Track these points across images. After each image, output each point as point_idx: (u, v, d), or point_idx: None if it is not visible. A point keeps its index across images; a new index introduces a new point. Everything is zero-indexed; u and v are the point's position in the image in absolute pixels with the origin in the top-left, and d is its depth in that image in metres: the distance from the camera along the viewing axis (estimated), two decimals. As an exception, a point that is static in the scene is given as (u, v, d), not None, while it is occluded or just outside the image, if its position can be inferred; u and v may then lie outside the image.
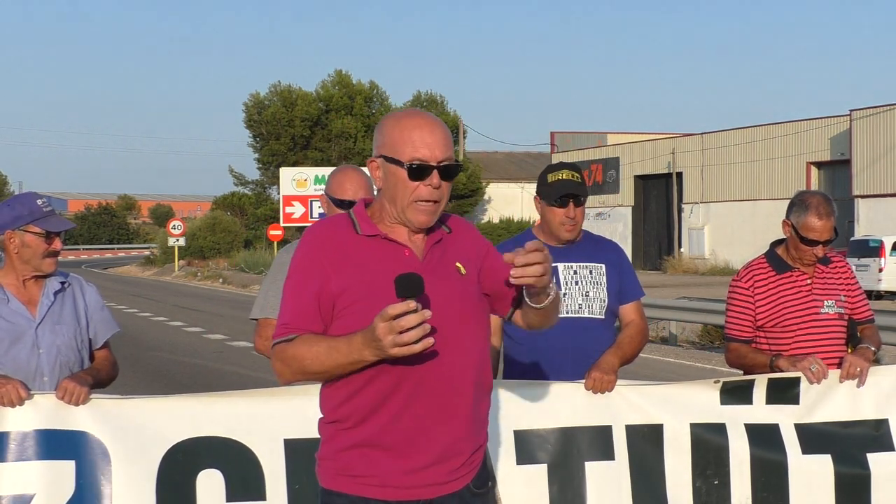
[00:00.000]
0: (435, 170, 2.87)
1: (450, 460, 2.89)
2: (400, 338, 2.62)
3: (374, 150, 2.95)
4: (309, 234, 2.97)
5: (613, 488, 4.39)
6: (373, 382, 2.84)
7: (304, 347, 2.81)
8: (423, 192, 2.87)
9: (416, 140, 2.87)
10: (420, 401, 2.85)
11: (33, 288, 4.34)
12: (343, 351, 2.75)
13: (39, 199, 4.31)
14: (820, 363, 4.51)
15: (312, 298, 2.85)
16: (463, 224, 3.10)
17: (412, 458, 2.86)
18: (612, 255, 4.68)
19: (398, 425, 2.85)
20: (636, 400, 4.47)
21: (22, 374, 4.19)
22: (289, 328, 2.86)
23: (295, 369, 2.84)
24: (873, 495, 4.53)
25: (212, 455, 4.16)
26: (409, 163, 2.85)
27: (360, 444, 2.87)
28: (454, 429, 2.89)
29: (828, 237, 4.61)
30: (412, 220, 2.89)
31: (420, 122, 2.91)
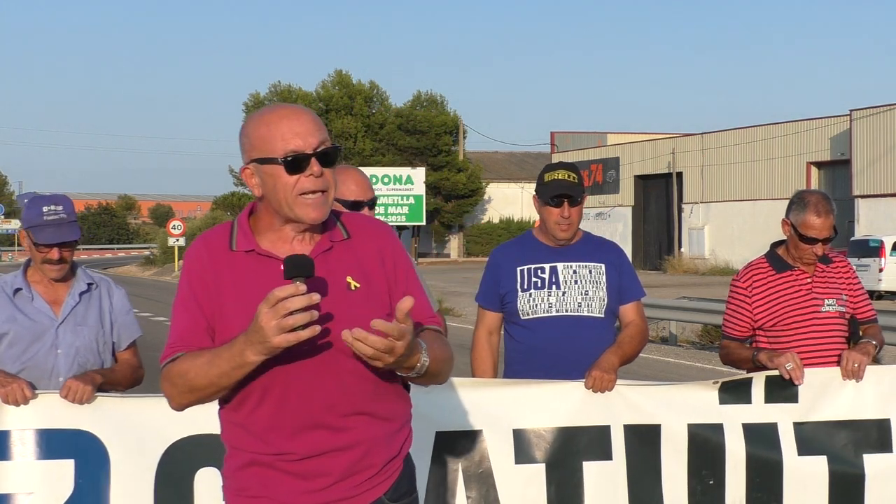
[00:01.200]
0: (313, 157, 2.68)
1: (352, 477, 2.73)
2: (284, 322, 2.45)
3: (244, 158, 2.75)
4: (188, 252, 2.81)
5: (610, 488, 4.39)
6: (260, 409, 2.69)
7: (189, 362, 2.65)
8: (307, 184, 2.67)
9: (285, 132, 2.68)
10: (308, 429, 2.68)
11: (60, 288, 4.35)
12: (225, 356, 2.58)
13: (46, 206, 4.25)
14: (797, 362, 4.49)
15: (197, 316, 2.71)
16: (368, 225, 2.85)
17: (312, 480, 2.71)
18: (611, 256, 4.70)
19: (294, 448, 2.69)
20: (635, 400, 4.47)
21: (38, 373, 4.20)
22: (174, 347, 2.71)
23: (182, 388, 2.67)
24: (867, 496, 4.54)
25: (210, 453, 4.15)
26: (283, 157, 2.66)
27: (254, 462, 2.73)
28: (353, 448, 2.72)
29: (827, 235, 4.61)
30: (302, 216, 2.68)
31: (283, 112, 2.73)
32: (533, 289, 4.58)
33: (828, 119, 43.42)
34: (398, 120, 60.95)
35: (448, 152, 61.26)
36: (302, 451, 2.70)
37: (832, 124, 43.04)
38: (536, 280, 4.59)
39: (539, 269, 4.61)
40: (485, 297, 4.74)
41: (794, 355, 4.51)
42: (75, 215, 4.35)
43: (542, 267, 4.61)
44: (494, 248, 4.89)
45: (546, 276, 4.59)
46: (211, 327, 2.71)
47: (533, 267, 4.61)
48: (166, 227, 55.82)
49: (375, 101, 62.74)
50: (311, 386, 2.68)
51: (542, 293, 4.57)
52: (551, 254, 4.62)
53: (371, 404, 2.75)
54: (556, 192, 4.55)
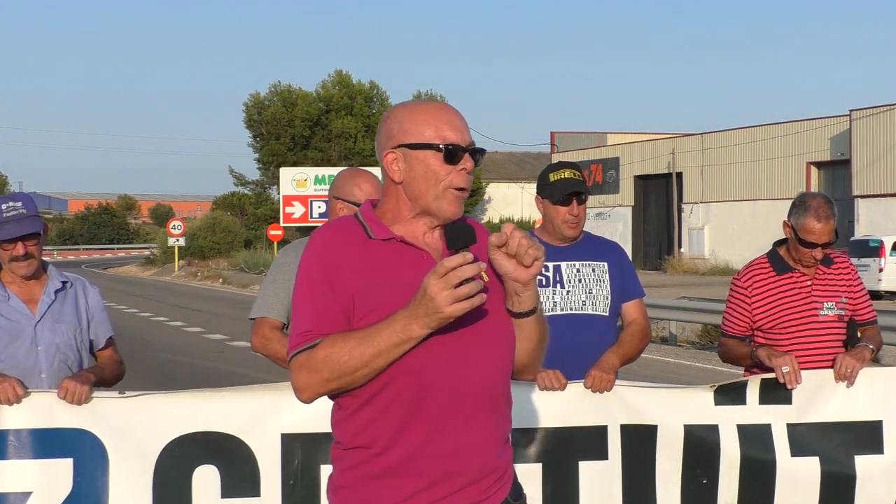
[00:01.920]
0: (467, 152, 2.65)
1: (484, 479, 2.68)
2: (457, 291, 2.42)
3: (387, 143, 2.69)
4: (317, 238, 2.72)
5: (605, 488, 4.41)
6: (398, 402, 2.60)
7: (337, 345, 2.54)
8: (457, 179, 2.65)
9: (444, 122, 2.65)
10: (451, 421, 2.62)
11: (35, 286, 4.37)
12: (384, 332, 2.51)
13: (5, 204, 4.25)
14: (794, 366, 4.49)
15: (332, 301, 2.60)
16: (478, 224, 2.85)
17: (444, 484, 2.62)
18: (614, 255, 4.73)
19: (431, 450, 2.61)
20: (632, 400, 4.48)
21: (20, 372, 4.21)
22: (310, 334, 2.59)
23: (327, 374, 2.55)
24: (857, 497, 4.55)
25: (208, 450, 4.17)
26: (444, 144, 2.62)
27: (388, 471, 2.62)
28: (486, 447, 2.68)
29: (827, 240, 4.61)
30: (444, 210, 2.65)
31: (441, 105, 2.71)
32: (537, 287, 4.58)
33: (828, 119, 43.41)
34: (398, 120, 60.83)
35: (448, 152, 61.16)
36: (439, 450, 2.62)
37: (832, 124, 43.03)
38: (541, 279, 4.59)
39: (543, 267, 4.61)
40: None
41: (792, 359, 4.50)
42: (36, 210, 4.34)
43: (546, 266, 4.62)
44: None
45: (550, 274, 4.61)
46: (347, 314, 2.61)
47: None
48: (166, 227, 55.79)
49: (375, 101, 62.72)
50: (458, 375, 2.63)
51: (546, 292, 4.58)
52: (555, 253, 4.63)
53: (501, 401, 2.75)
54: (566, 190, 4.59)
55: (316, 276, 2.64)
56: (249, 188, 64.95)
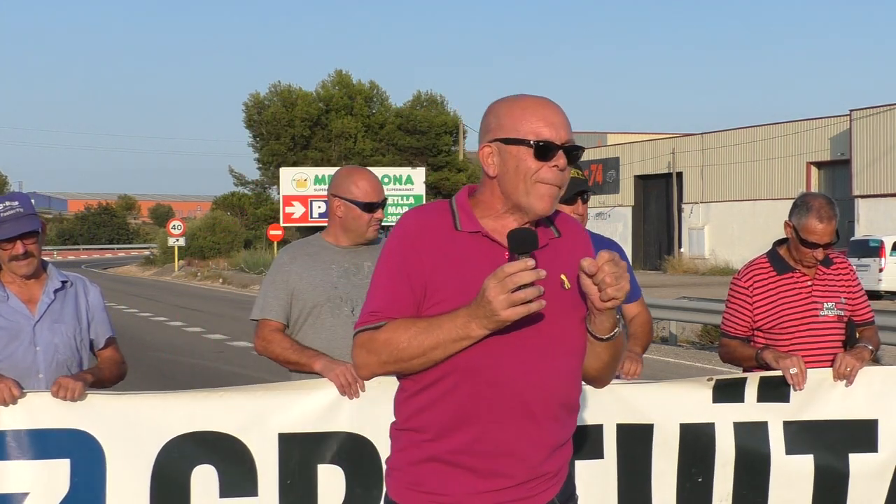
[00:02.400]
0: (561, 150, 2.66)
1: (532, 481, 2.69)
2: (514, 296, 2.44)
3: (484, 137, 2.72)
4: (405, 221, 2.74)
5: (600, 486, 4.41)
6: (454, 394, 2.64)
7: (399, 330, 2.59)
8: (548, 175, 2.64)
9: (539, 118, 2.66)
10: (502, 421, 2.64)
11: (34, 286, 4.36)
12: (446, 326, 2.55)
13: (1, 204, 4.25)
14: (801, 367, 4.49)
15: (405, 286, 2.64)
16: (574, 226, 2.83)
17: (490, 481, 2.65)
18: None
19: (477, 445, 2.64)
20: (629, 399, 4.48)
21: (18, 371, 4.20)
22: (377, 315, 2.64)
23: (385, 357, 2.60)
24: (850, 494, 4.57)
25: (206, 450, 4.16)
26: (536, 140, 2.63)
27: (435, 458, 2.66)
28: (538, 452, 2.68)
29: (828, 240, 4.60)
30: (533, 206, 2.65)
31: (541, 101, 2.71)
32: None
33: (828, 119, 43.42)
34: (398, 120, 60.94)
35: (448, 152, 61.26)
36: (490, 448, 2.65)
37: (832, 124, 43.05)
38: None
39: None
40: None
41: (800, 360, 4.50)
42: (33, 209, 4.34)
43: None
44: None
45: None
46: (417, 302, 2.64)
47: None
48: (166, 227, 55.80)
49: (375, 101, 62.71)
50: (516, 378, 2.64)
51: None
52: None
53: (567, 408, 2.75)
54: (574, 189, 4.57)
55: (394, 259, 2.68)
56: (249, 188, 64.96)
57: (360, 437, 4.16)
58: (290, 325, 4.50)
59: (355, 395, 4.16)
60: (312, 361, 4.31)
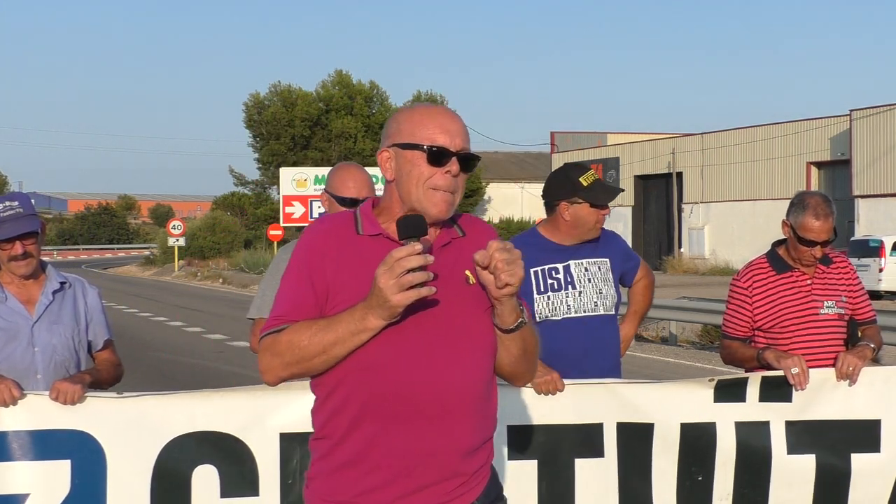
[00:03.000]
0: (454, 156, 2.72)
1: (445, 482, 2.70)
2: (403, 280, 2.50)
3: (385, 142, 2.80)
4: (310, 230, 2.84)
5: (601, 485, 4.42)
6: (354, 396, 2.67)
7: (300, 331, 2.64)
8: (441, 180, 2.71)
9: (436, 125, 2.74)
10: (408, 420, 2.66)
11: (33, 287, 4.36)
12: (344, 321, 2.60)
13: (1, 204, 4.25)
14: (803, 367, 4.48)
15: (309, 291, 2.71)
16: (479, 226, 2.89)
17: (401, 483, 2.68)
18: (612, 247, 4.74)
19: (384, 446, 2.67)
20: (630, 398, 4.48)
21: (16, 372, 4.20)
22: (281, 318, 2.70)
23: (288, 358, 2.65)
24: (851, 494, 4.57)
25: (207, 450, 4.16)
26: (428, 146, 2.71)
27: (346, 463, 2.70)
28: (447, 451, 2.69)
29: (826, 238, 4.60)
30: (428, 210, 2.71)
31: (439, 109, 2.81)
32: (550, 291, 4.57)
33: (828, 119, 43.41)
34: (398, 120, 60.84)
35: (448, 152, 61.17)
36: (397, 448, 2.67)
37: (832, 124, 43.03)
38: (553, 282, 4.57)
39: (553, 269, 4.59)
40: None
41: (801, 360, 4.49)
42: (33, 209, 4.34)
43: (556, 267, 4.59)
44: None
45: (561, 276, 4.58)
46: (320, 305, 2.70)
47: (547, 268, 4.58)
48: (166, 227, 55.77)
49: (375, 101, 62.70)
50: (416, 377, 2.66)
51: (559, 295, 4.56)
52: (562, 252, 4.61)
53: (478, 406, 2.75)
54: (612, 194, 4.58)
55: (298, 265, 2.76)
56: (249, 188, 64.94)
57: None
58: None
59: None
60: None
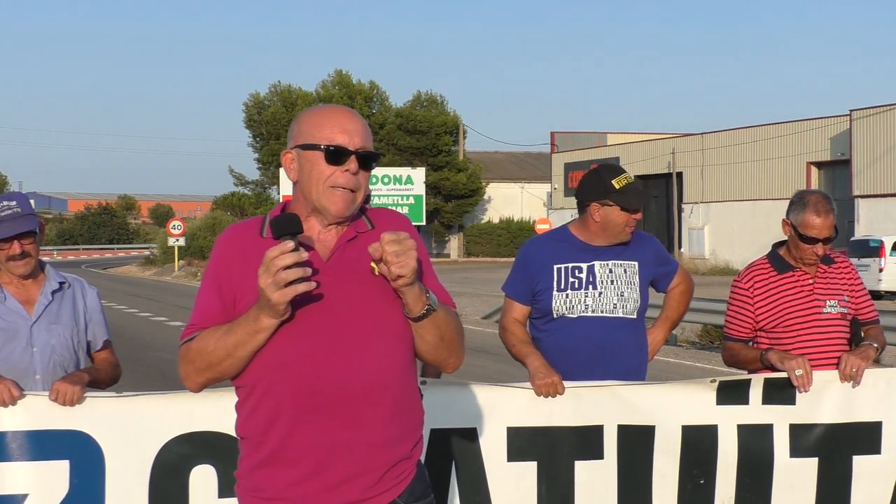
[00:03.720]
0: (353, 155, 2.77)
1: (362, 476, 2.74)
2: (278, 277, 2.54)
3: (290, 143, 2.86)
4: (219, 239, 2.90)
5: (600, 487, 4.41)
6: (270, 394, 2.73)
7: (207, 337, 2.72)
8: (340, 179, 2.76)
9: (335, 125, 2.79)
10: (322, 413, 2.70)
11: (32, 287, 4.36)
12: (242, 323, 2.67)
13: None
14: (806, 368, 4.46)
15: (216, 299, 2.79)
16: (389, 218, 2.92)
17: (320, 476, 2.72)
18: (644, 252, 4.69)
19: (301, 441, 2.72)
20: (631, 400, 4.47)
21: (15, 372, 4.20)
22: (194, 328, 2.78)
23: (200, 364, 2.72)
24: (853, 497, 4.55)
25: (205, 450, 4.16)
26: (326, 145, 2.76)
27: (266, 461, 2.76)
28: (363, 443, 2.73)
29: (827, 235, 4.58)
30: (328, 209, 2.77)
31: (338, 109, 2.86)
32: (570, 289, 4.54)
33: (828, 119, 43.42)
34: (398, 120, 60.98)
35: (448, 152, 61.29)
36: (309, 441, 2.71)
37: (832, 124, 43.05)
38: (574, 280, 4.55)
39: (576, 268, 4.57)
40: (514, 290, 4.66)
41: (805, 361, 4.47)
42: (31, 209, 4.34)
43: (580, 266, 4.56)
44: (527, 240, 4.84)
45: (583, 275, 4.56)
46: (228, 310, 2.76)
47: (570, 266, 4.56)
48: (166, 227, 55.75)
49: (375, 101, 62.77)
50: (326, 370, 2.70)
51: (578, 294, 4.54)
52: (589, 252, 4.59)
53: (390, 397, 2.76)
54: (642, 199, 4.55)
55: (208, 274, 2.85)
56: (249, 188, 65.01)
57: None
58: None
59: None
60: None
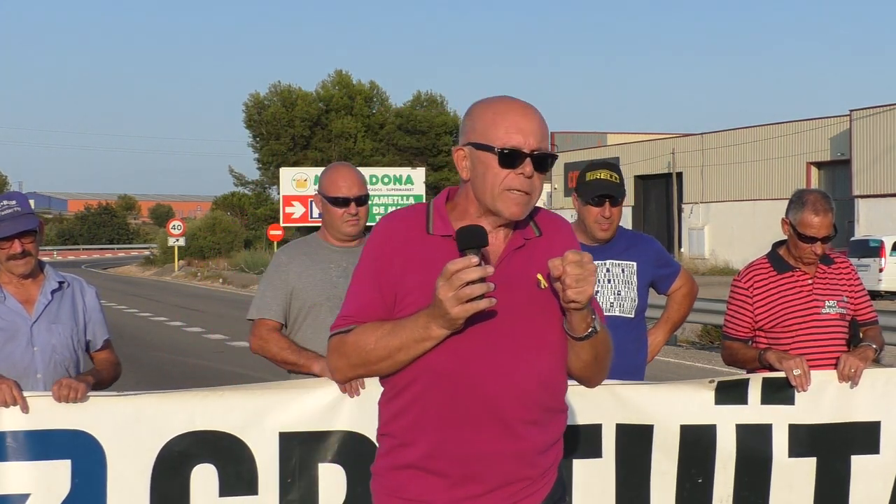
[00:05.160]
0: (528, 157, 2.64)
1: (510, 486, 2.68)
2: (461, 292, 2.45)
3: (461, 139, 2.73)
4: (380, 226, 2.77)
5: (597, 486, 4.41)
6: (421, 399, 2.66)
7: (367, 333, 2.63)
8: (515, 182, 2.64)
9: (510, 125, 2.64)
10: (470, 425, 2.63)
11: (31, 287, 4.36)
12: (408, 327, 2.58)
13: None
14: (804, 368, 4.47)
15: (376, 293, 2.68)
16: (557, 224, 2.81)
17: (466, 486, 2.65)
18: (644, 252, 4.71)
19: (448, 451, 2.65)
20: (629, 399, 4.47)
21: (16, 372, 4.20)
22: (348, 319, 2.69)
23: (354, 360, 2.65)
24: (851, 497, 4.56)
25: (206, 449, 4.16)
26: (500, 148, 2.63)
27: (412, 464, 2.69)
28: (514, 456, 2.67)
29: (826, 234, 4.58)
30: (503, 211, 2.65)
31: (514, 105, 2.69)
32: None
33: (828, 119, 43.42)
34: (398, 120, 60.95)
35: (448, 152, 61.20)
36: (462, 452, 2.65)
37: (832, 124, 43.04)
38: None
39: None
40: None
41: (803, 361, 4.48)
42: (31, 208, 4.34)
43: None
44: None
45: None
46: (388, 306, 2.68)
47: None
48: (166, 227, 55.75)
49: (375, 101, 62.74)
50: (479, 383, 2.63)
51: None
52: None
53: (546, 409, 2.72)
54: (599, 191, 4.57)
55: (367, 265, 2.73)
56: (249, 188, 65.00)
57: (361, 436, 4.15)
58: (289, 324, 4.49)
59: (356, 394, 4.15)
60: (311, 363, 4.31)
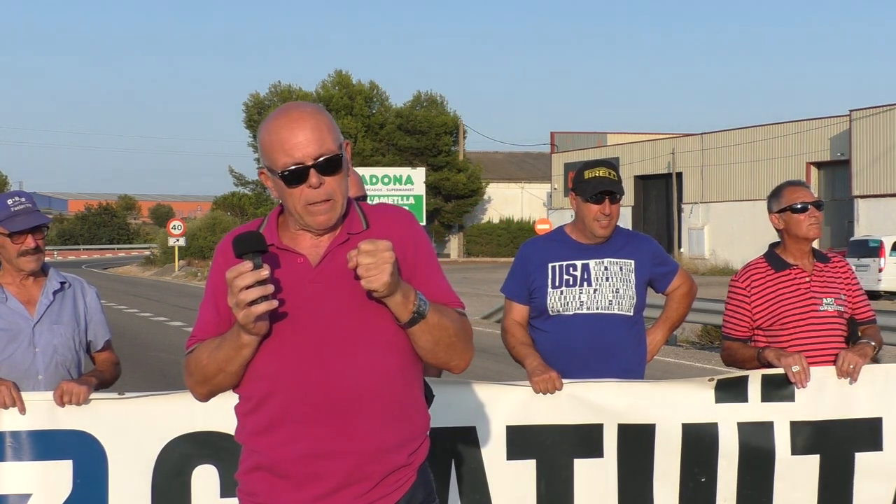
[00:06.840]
0: (312, 169, 2.64)
1: (355, 485, 2.69)
2: (240, 298, 2.50)
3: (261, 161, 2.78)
4: (220, 244, 2.83)
5: (600, 485, 4.42)
6: (264, 404, 2.71)
7: (202, 351, 2.73)
8: (311, 195, 2.66)
9: (283, 143, 2.65)
10: (312, 423, 2.66)
11: (33, 287, 4.36)
12: (228, 339, 2.65)
13: (11, 199, 4.28)
14: (803, 364, 4.49)
15: (212, 311, 2.77)
16: (389, 216, 2.82)
17: (310, 487, 2.68)
18: (642, 252, 4.73)
19: (292, 451, 2.68)
20: (630, 399, 4.49)
21: (18, 373, 4.21)
22: (193, 340, 2.79)
23: (198, 377, 2.74)
24: (855, 494, 4.57)
25: (207, 450, 4.17)
26: (281, 171, 2.66)
27: (260, 467, 2.75)
28: (354, 452, 2.68)
29: (813, 199, 4.68)
30: (311, 225, 2.70)
31: (283, 121, 2.68)
32: (564, 286, 4.61)
33: (828, 119, 43.43)
34: (398, 120, 60.95)
35: (448, 152, 61.27)
36: (301, 451, 2.68)
37: (832, 124, 43.05)
38: (568, 277, 4.61)
39: (571, 265, 4.63)
40: (512, 290, 4.74)
41: (802, 358, 4.50)
42: (38, 207, 4.37)
43: (574, 264, 4.63)
44: (524, 242, 4.91)
45: (578, 273, 4.62)
46: (223, 321, 2.73)
47: (565, 264, 4.63)
48: (166, 227, 55.74)
49: (375, 101, 62.72)
50: (313, 380, 2.66)
51: (573, 290, 4.59)
52: (584, 251, 4.65)
53: (383, 404, 2.70)
54: (598, 188, 4.60)
55: (208, 284, 2.83)
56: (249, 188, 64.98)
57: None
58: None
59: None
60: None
